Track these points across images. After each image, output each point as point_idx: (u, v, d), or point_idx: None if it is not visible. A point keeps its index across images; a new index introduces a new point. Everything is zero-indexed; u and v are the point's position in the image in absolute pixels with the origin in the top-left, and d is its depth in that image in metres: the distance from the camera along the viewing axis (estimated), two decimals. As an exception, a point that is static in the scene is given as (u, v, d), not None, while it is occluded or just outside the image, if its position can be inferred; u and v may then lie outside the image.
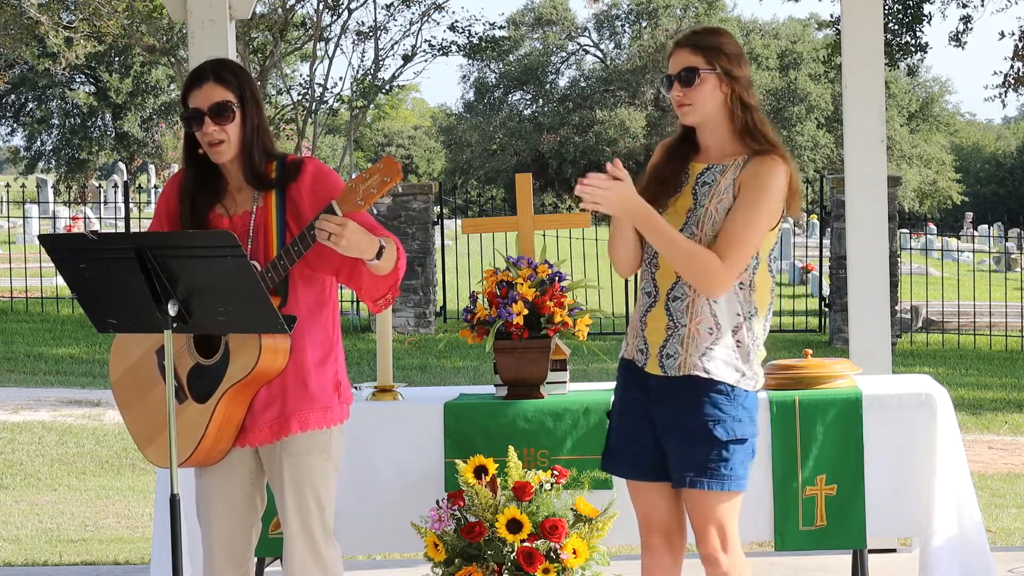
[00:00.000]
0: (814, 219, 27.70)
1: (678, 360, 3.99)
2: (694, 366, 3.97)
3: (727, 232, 3.94)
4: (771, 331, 4.01)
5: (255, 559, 4.29)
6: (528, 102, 50.14)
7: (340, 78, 75.02)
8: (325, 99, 25.48)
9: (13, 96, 41.85)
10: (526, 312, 5.10)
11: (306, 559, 4.07)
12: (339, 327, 4.19)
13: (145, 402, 4.07)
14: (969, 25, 21.51)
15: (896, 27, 20.82)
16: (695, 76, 3.99)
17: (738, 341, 4.00)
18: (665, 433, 4.03)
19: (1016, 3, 20.98)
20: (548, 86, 49.61)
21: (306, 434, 4.04)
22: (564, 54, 50.29)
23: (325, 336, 4.10)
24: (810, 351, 5.40)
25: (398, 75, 26.52)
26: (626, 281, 16.81)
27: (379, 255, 3.88)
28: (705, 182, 4.02)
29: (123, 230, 19.53)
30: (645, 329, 4.05)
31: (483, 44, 27.13)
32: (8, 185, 22.57)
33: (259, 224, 4.03)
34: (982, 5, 21.45)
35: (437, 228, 18.46)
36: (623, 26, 49.54)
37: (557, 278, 5.18)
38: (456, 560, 4.87)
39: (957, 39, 21.55)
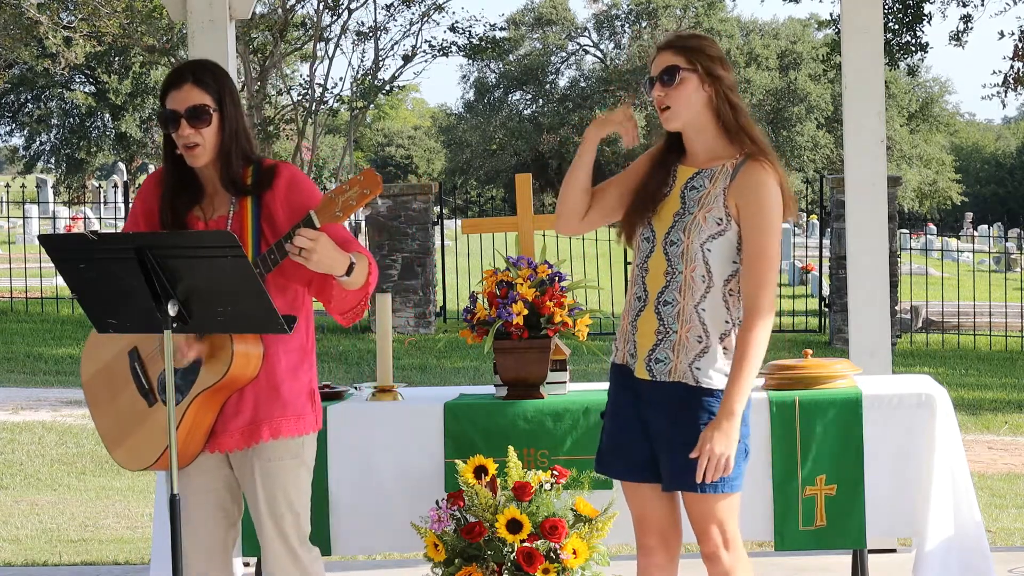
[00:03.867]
0: (814, 219, 27.71)
1: (668, 366, 3.99)
2: (684, 374, 3.97)
3: (754, 259, 3.92)
4: (771, 331, 3.98)
5: (237, 561, 4.26)
6: (528, 102, 50.11)
7: (340, 78, 75.03)
8: (325, 99, 25.50)
9: (12, 96, 41.83)
10: (526, 312, 5.10)
11: (287, 565, 4.05)
12: (313, 336, 4.16)
13: (116, 404, 4.05)
14: (969, 25, 21.50)
15: (896, 27, 20.80)
16: (676, 74, 3.99)
17: (725, 348, 3.98)
18: (659, 439, 4.02)
19: (1016, 3, 20.96)
20: (548, 86, 49.57)
21: (278, 441, 4.02)
22: (564, 54, 50.27)
23: (298, 344, 4.07)
24: (810, 351, 5.39)
25: (398, 75, 26.59)
26: (625, 281, 16.78)
27: (349, 271, 3.86)
28: (693, 187, 4.01)
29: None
30: (636, 333, 4.04)
31: (483, 44, 27.15)
32: (8, 185, 22.56)
33: (234, 229, 4.00)
34: (982, 5, 21.45)
35: (437, 228, 18.46)
36: (623, 26, 49.52)
37: (557, 278, 5.17)
38: (456, 560, 4.86)
39: (957, 38, 21.53)
